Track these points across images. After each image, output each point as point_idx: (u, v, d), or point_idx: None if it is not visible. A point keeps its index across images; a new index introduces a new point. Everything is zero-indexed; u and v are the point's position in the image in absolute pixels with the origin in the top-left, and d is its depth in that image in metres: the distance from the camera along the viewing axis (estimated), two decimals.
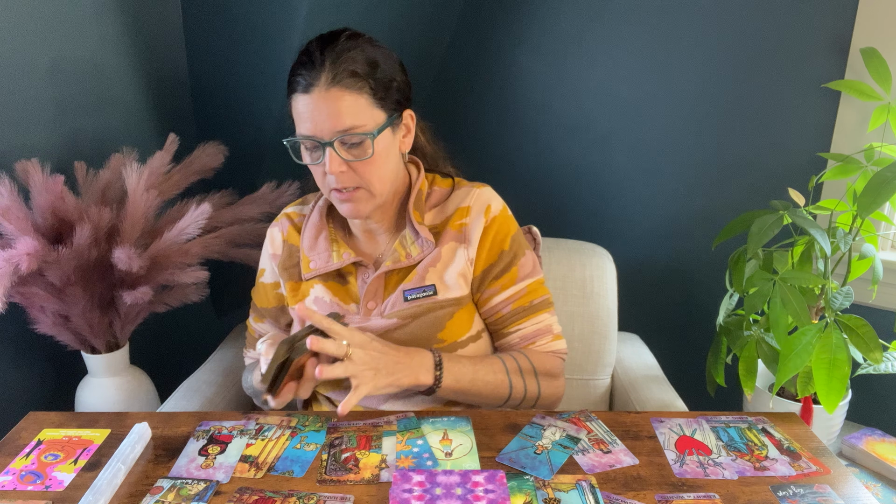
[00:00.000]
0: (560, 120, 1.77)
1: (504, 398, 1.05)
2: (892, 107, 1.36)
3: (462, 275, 1.07)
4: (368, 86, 0.96)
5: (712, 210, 1.66)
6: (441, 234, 1.08)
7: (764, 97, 1.54)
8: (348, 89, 0.95)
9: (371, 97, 0.97)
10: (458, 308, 1.07)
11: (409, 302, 1.05)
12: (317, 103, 0.95)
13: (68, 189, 1.27)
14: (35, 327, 1.35)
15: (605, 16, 1.65)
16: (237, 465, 0.89)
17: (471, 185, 1.13)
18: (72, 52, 1.42)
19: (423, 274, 1.06)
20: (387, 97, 0.99)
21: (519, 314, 1.10)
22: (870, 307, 1.50)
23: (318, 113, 0.95)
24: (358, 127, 0.96)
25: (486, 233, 1.08)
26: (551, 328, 1.12)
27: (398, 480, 0.85)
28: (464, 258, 1.07)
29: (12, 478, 0.87)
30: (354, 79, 0.95)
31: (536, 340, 1.11)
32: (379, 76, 0.98)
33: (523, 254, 1.11)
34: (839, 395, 1.19)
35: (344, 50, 0.96)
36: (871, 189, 1.18)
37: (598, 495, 0.83)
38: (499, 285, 1.09)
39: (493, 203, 1.10)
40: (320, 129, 0.96)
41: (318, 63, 0.95)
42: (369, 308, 1.07)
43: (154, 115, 1.64)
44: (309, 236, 1.12)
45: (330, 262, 1.09)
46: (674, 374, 1.42)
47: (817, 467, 0.89)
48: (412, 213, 1.07)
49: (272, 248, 1.16)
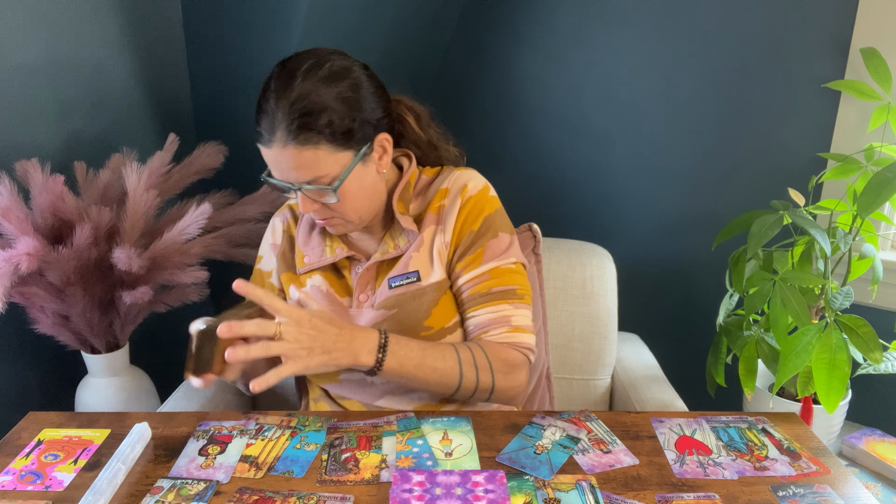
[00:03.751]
0: (560, 120, 1.77)
1: (453, 387, 1.00)
2: (892, 107, 1.35)
3: (440, 259, 1.06)
4: (324, 139, 0.93)
5: (712, 210, 1.65)
6: (423, 219, 1.08)
7: (764, 97, 1.54)
8: (304, 145, 0.92)
9: (331, 145, 0.94)
10: (442, 293, 1.06)
11: (394, 290, 1.05)
12: (277, 158, 0.95)
13: (68, 189, 1.27)
14: (35, 327, 1.35)
15: (605, 16, 1.64)
16: (237, 465, 0.89)
17: (454, 169, 1.11)
18: (72, 52, 1.42)
19: (407, 261, 1.06)
20: (350, 138, 0.95)
21: (475, 300, 1.05)
22: (870, 307, 1.50)
23: (280, 166, 0.96)
24: (320, 178, 0.95)
25: (460, 213, 1.06)
26: (509, 319, 1.05)
27: (398, 480, 0.85)
28: (440, 241, 1.06)
29: (12, 478, 0.87)
30: (310, 133, 0.92)
31: (490, 330, 1.05)
32: (337, 124, 0.93)
33: (495, 236, 1.06)
34: (839, 395, 1.19)
35: (298, 99, 0.91)
36: (871, 189, 1.18)
37: (598, 495, 0.83)
38: (462, 267, 1.06)
39: (471, 183, 1.08)
40: (286, 178, 0.97)
41: (272, 116, 0.92)
42: (361, 301, 1.08)
43: (154, 115, 1.64)
44: (304, 231, 1.13)
45: (323, 256, 1.10)
46: (674, 374, 1.42)
47: (817, 467, 0.89)
48: (396, 205, 1.07)
49: (273, 237, 1.16)
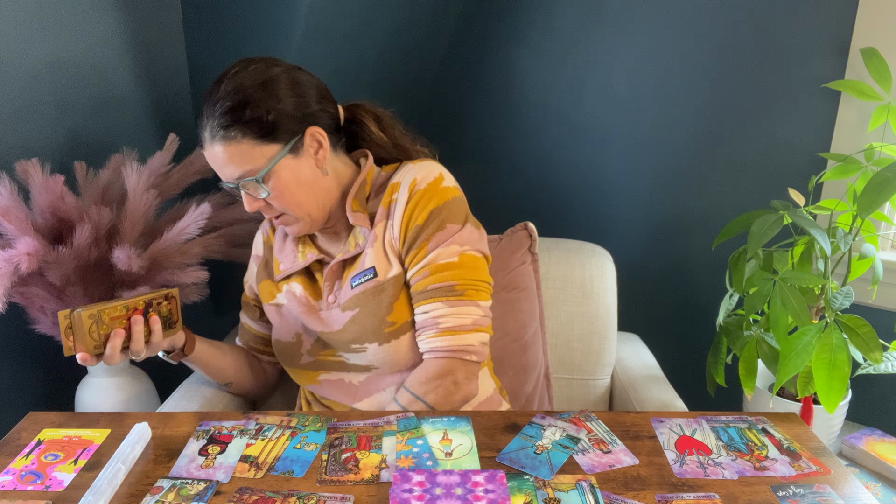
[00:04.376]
0: (560, 120, 1.77)
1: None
2: (892, 107, 1.35)
3: (392, 252, 1.05)
4: (241, 132, 0.96)
5: (712, 210, 1.65)
6: (375, 214, 1.07)
7: (764, 97, 1.54)
8: (224, 141, 0.97)
9: (252, 138, 0.97)
10: (401, 287, 1.05)
11: (355, 289, 1.05)
12: (211, 158, 1.01)
13: (68, 189, 1.27)
14: (35, 327, 1.35)
15: (605, 16, 1.64)
16: (237, 465, 0.89)
17: (409, 163, 1.08)
18: (72, 52, 1.42)
19: (364, 258, 1.06)
20: (274, 129, 0.97)
21: (415, 298, 1.04)
22: (870, 307, 1.50)
23: (216, 165, 1.01)
24: (247, 173, 0.99)
25: (407, 207, 1.03)
26: (437, 322, 1.01)
27: (398, 480, 0.85)
28: (390, 235, 1.05)
29: (12, 478, 0.87)
30: (227, 129, 0.96)
31: (420, 333, 1.03)
32: (253, 116, 0.96)
33: (441, 227, 1.02)
34: (839, 395, 1.19)
35: (218, 99, 0.97)
36: (871, 189, 1.18)
37: (598, 495, 0.83)
38: (409, 261, 1.04)
39: (420, 175, 1.04)
40: (224, 177, 1.02)
41: (203, 117, 0.99)
42: (329, 302, 1.08)
43: (154, 115, 1.64)
44: (278, 239, 1.17)
45: (296, 262, 1.12)
46: (674, 374, 1.42)
47: (817, 467, 0.89)
48: (350, 203, 1.06)
49: (255, 249, 1.22)
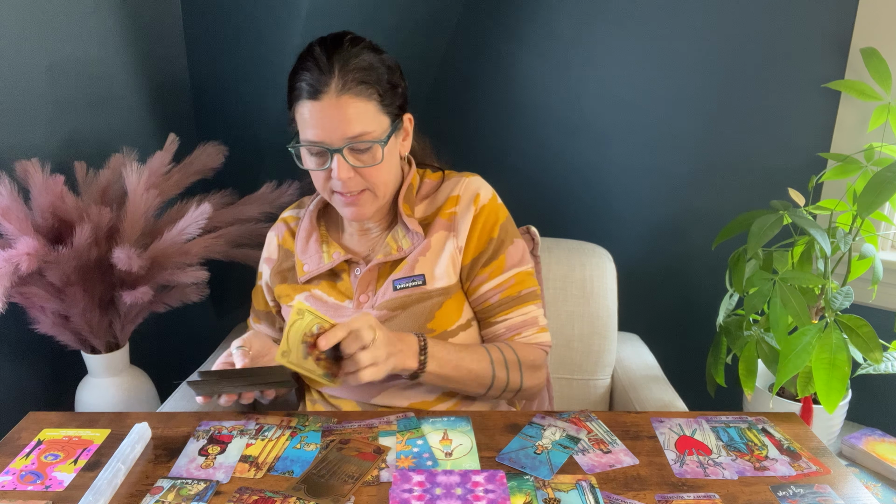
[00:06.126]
0: (560, 120, 1.77)
1: (486, 387, 1.05)
2: (892, 107, 1.35)
3: (452, 264, 1.08)
4: (377, 92, 0.97)
5: (712, 210, 1.65)
6: (431, 224, 1.09)
7: (764, 97, 1.54)
8: (358, 97, 0.96)
9: (379, 104, 0.98)
10: (447, 297, 1.07)
11: (399, 291, 1.06)
12: (326, 111, 0.95)
13: (68, 189, 1.27)
14: (35, 327, 1.35)
15: (605, 16, 1.64)
16: (237, 465, 0.89)
17: (460, 175, 1.13)
18: (72, 52, 1.42)
19: (412, 264, 1.07)
20: (392, 103, 1.01)
21: (507, 304, 1.10)
22: (870, 307, 1.49)
23: (328, 120, 0.96)
24: (367, 133, 0.97)
25: (476, 221, 1.08)
26: (537, 320, 1.12)
27: (398, 480, 0.85)
28: (453, 247, 1.08)
29: (12, 478, 0.87)
30: (364, 86, 0.96)
31: (522, 331, 1.11)
32: (385, 83, 0.99)
33: (511, 242, 1.11)
34: (839, 395, 1.19)
35: (352, 56, 0.96)
36: (871, 189, 1.18)
37: (598, 495, 0.83)
38: (486, 273, 1.09)
39: (482, 191, 1.10)
40: (329, 136, 0.96)
41: (325, 69, 0.95)
42: (361, 301, 1.08)
43: (154, 115, 1.63)
44: (301, 240, 1.15)
45: (321, 263, 1.11)
46: (674, 374, 1.42)
47: (817, 467, 0.89)
48: (402, 207, 1.09)
49: (267, 252, 1.20)
